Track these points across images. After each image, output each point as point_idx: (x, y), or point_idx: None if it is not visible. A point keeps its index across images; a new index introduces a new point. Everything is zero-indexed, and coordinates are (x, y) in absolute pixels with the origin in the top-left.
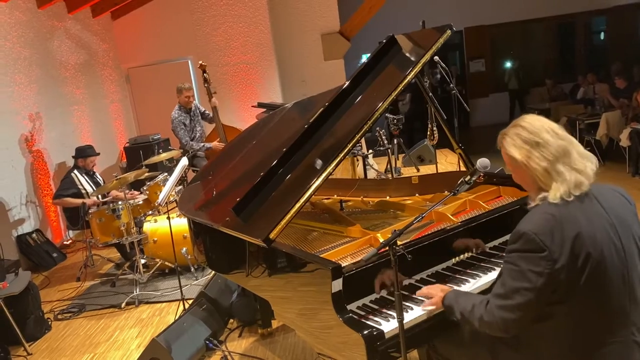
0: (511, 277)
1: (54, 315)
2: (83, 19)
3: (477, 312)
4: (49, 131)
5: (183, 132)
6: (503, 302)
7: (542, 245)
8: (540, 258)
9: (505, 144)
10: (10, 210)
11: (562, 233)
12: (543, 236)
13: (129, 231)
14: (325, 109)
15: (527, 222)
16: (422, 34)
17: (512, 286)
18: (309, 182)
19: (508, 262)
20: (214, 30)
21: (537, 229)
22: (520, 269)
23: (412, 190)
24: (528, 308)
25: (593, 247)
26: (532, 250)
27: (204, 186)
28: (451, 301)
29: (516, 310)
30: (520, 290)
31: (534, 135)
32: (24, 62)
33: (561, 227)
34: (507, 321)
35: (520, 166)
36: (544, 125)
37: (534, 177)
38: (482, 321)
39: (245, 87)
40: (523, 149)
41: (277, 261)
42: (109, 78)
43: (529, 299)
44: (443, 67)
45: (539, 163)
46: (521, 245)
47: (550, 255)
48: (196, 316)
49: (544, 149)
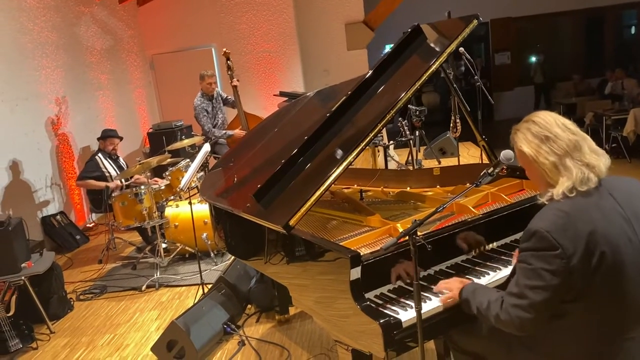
0: (525, 276)
1: (76, 295)
2: (109, 4)
3: (493, 310)
4: (75, 115)
5: (205, 119)
6: (518, 301)
7: (555, 243)
8: (553, 256)
9: (516, 139)
10: (36, 192)
11: (576, 230)
12: (556, 234)
13: (151, 215)
14: (347, 98)
15: (539, 220)
16: (447, 23)
17: (527, 285)
18: (329, 170)
19: (521, 261)
20: (238, 18)
21: (549, 227)
22: (534, 268)
23: (433, 182)
24: (543, 307)
25: (608, 244)
26: (545, 249)
27: (225, 173)
28: (468, 295)
29: (531, 309)
30: (534, 289)
31: (544, 130)
32: (51, 46)
33: (574, 223)
34: (523, 320)
35: (530, 161)
36: (556, 120)
37: (542, 173)
38: (498, 319)
39: (268, 75)
40: (533, 143)
41: (295, 248)
42: (133, 64)
43: (544, 297)
44: (468, 58)
45: (547, 157)
46: (534, 244)
47: (564, 253)
48: (215, 300)
49: (553, 143)
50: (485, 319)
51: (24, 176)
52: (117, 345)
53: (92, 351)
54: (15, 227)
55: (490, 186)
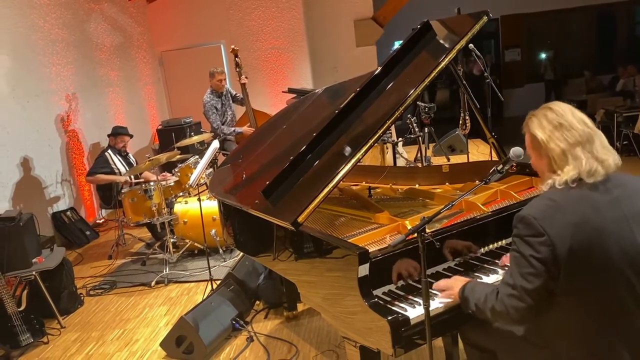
0: (516, 263)
1: (86, 290)
2: (119, 1)
3: (489, 302)
4: (85, 112)
5: (214, 116)
6: (511, 290)
7: (541, 229)
8: (539, 243)
9: (530, 124)
10: (47, 188)
11: (563, 219)
12: (542, 221)
13: (160, 211)
14: (356, 94)
15: (528, 207)
16: (457, 20)
17: (518, 272)
18: (337, 167)
19: (513, 250)
20: (247, 14)
21: (536, 213)
22: (523, 255)
23: (442, 179)
24: (536, 294)
25: (597, 238)
26: (531, 235)
27: (234, 169)
28: (467, 293)
29: (525, 297)
30: (525, 277)
31: (560, 117)
32: (62, 43)
33: (562, 213)
34: (518, 309)
35: (540, 146)
36: (572, 111)
37: (550, 159)
38: (494, 311)
39: (276, 72)
40: (546, 129)
41: (304, 245)
42: (143, 61)
43: (535, 285)
44: (478, 55)
45: (558, 144)
46: (521, 230)
47: (550, 240)
48: (223, 296)
49: (566, 132)
50: (483, 314)
51: (35, 172)
52: (127, 340)
53: (102, 346)
54: (26, 222)
55: (499, 183)
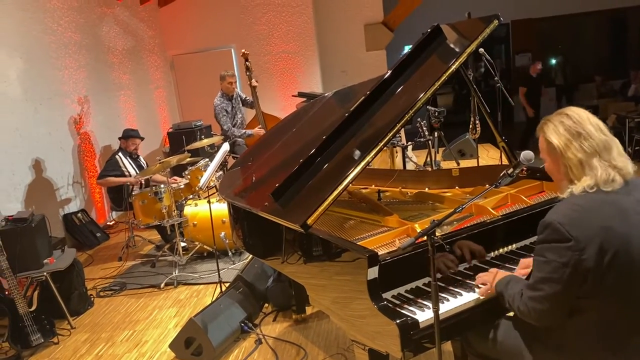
0: (539, 268)
1: (96, 292)
2: (131, 5)
3: (516, 302)
4: (96, 115)
5: (225, 119)
6: (533, 293)
7: (568, 235)
8: (566, 248)
9: (546, 129)
10: (58, 190)
11: (590, 224)
12: (569, 226)
13: (170, 214)
14: (365, 98)
15: (553, 213)
16: (467, 24)
17: (541, 277)
18: (347, 170)
19: (536, 254)
20: (258, 19)
21: (562, 219)
22: (547, 260)
23: (452, 183)
24: (556, 299)
25: (622, 242)
26: (557, 241)
27: (243, 172)
28: (502, 288)
29: (545, 302)
30: (548, 282)
31: (578, 125)
32: (74, 46)
33: (588, 218)
34: (539, 312)
35: (557, 153)
36: (589, 118)
37: (566, 167)
38: (519, 311)
39: (286, 76)
40: (563, 137)
41: (313, 248)
42: (154, 64)
43: (557, 290)
44: (488, 59)
45: (575, 154)
46: (547, 236)
47: (576, 246)
48: (232, 299)
49: (584, 141)
50: (514, 312)
51: (47, 174)
52: (136, 342)
53: (112, 347)
54: (38, 223)
55: (510, 187)
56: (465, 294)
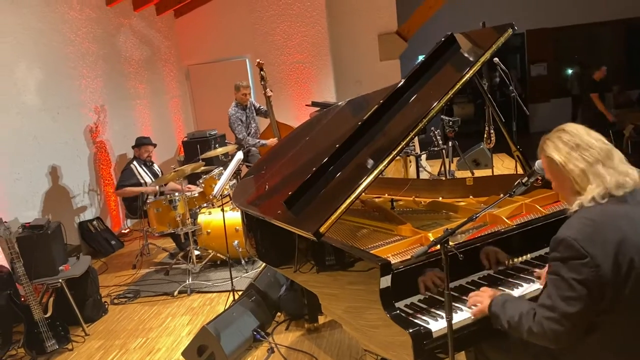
0: (556, 287)
1: (110, 299)
2: (147, 16)
3: (525, 323)
4: (112, 124)
5: (240, 128)
6: (551, 313)
7: (583, 251)
8: (582, 265)
9: (546, 148)
10: (74, 197)
11: (604, 237)
12: (583, 242)
13: (184, 222)
14: (379, 106)
15: (565, 229)
16: (481, 33)
17: (558, 296)
18: (360, 179)
19: (551, 272)
20: (272, 29)
21: (576, 235)
22: (563, 278)
23: (466, 192)
24: (577, 318)
25: (637, 252)
26: (572, 258)
27: (256, 180)
28: (497, 308)
29: (565, 322)
30: (566, 300)
31: (575, 138)
32: (92, 56)
33: (602, 231)
34: (557, 333)
35: (559, 169)
36: (587, 131)
37: (570, 180)
38: (530, 332)
39: (300, 85)
40: (563, 151)
41: (325, 257)
42: (170, 74)
43: (577, 309)
44: (503, 69)
45: (576, 164)
46: (561, 253)
47: (593, 262)
48: (245, 307)
49: (584, 151)
50: (517, 332)
51: (63, 182)
52: (149, 349)
53: (125, 354)
54: (54, 231)
55: (524, 197)
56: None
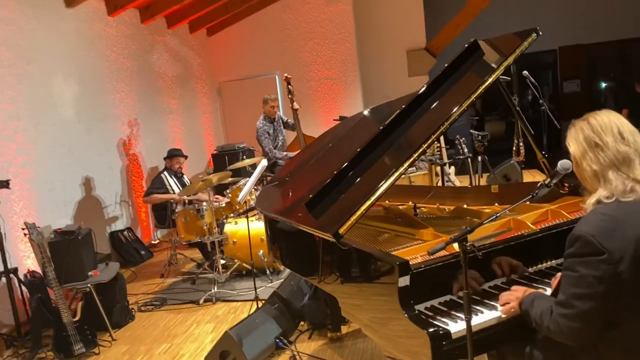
0: (571, 283)
1: (137, 306)
2: (181, 34)
3: (545, 321)
4: (145, 137)
5: (267, 141)
6: (565, 310)
7: (601, 247)
8: (599, 261)
9: (568, 134)
10: (106, 208)
11: (623, 234)
12: (601, 238)
13: (211, 231)
14: (400, 112)
15: (583, 224)
16: (505, 38)
17: (574, 293)
18: (380, 181)
19: (567, 268)
20: (301, 46)
21: (594, 231)
22: (580, 274)
23: (491, 200)
24: (592, 315)
25: None
26: (590, 254)
27: (279, 186)
28: (527, 306)
29: (580, 319)
30: (582, 298)
31: (596, 135)
32: (126, 72)
33: (621, 228)
34: (573, 330)
35: (576, 161)
36: (613, 127)
37: (582, 177)
38: (549, 330)
39: (328, 101)
40: (581, 146)
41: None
42: (202, 91)
43: (592, 306)
44: (532, 82)
45: (590, 164)
46: (578, 249)
47: (611, 258)
48: (268, 314)
49: (600, 152)
50: (542, 330)
51: (96, 192)
52: (173, 355)
53: (150, 359)
54: (84, 237)
55: (550, 203)
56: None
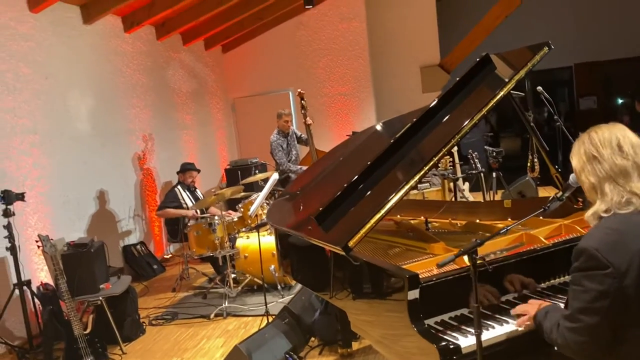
0: (577, 298)
1: (148, 320)
2: (196, 51)
3: (554, 335)
4: (159, 152)
5: (280, 154)
6: (571, 324)
7: (605, 261)
8: (604, 275)
9: (572, 148)
10: (120, 221)
11: (626, 247)
12: (605, 252)
13: (223, 245)
14: (411, 125)
15: (587, 238)
16: (517, 52)
17: (579, 307)
18: (390, 194)
19: (573, 283)
20: (315, 63)
21: (598, 245)
22: (585, 289)
23: (504, 215)
24: (597, 330)
25: None
26: (595, 268)
27: (290, 199)
28: (541, 319)
29: (586, 333)
30: (587, 312)
31: (594, 148)
32: (142, 87)
33: (625, 241)
34: (580, 344)
35: (577, 174)
36: (612, 140)
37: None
38: (557, 344)
39: (342, 117)
40: (581, 159)
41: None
42: (216, 106)
43: (598, 320)
44: (547, 97)
45: (588, 177)
46: (582, 263)
47: (616, 272)
48: (278, 329)
49: (597, 164)
50: (553, 343)
51: (109, 206)
52: None
53: None
54: (97, 249)
55: (564, 218)
56: (512, 322)
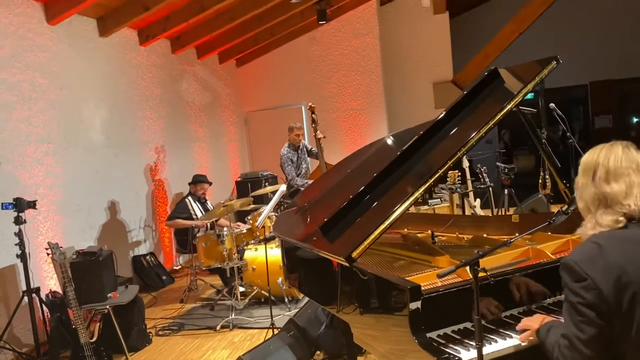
0: (567, 313)
1: (155, 330)
2: (210, 64)
3: (555, 353)
4: (171, 163)
5: (290, 168)
6: (567, 341)
7: (583, 273)
8: (584, 288)
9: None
10: (130, 232)
11: (606, 260)
12: (584, 265)
13: (231, 257)
14: (419, 137)
15: (571, 253)
16: (525, 66)
17: (571, 322)
18: (395, 206)
19: (564, 301)
20: (328, 78)
21: (577, 258)
22: (572, 303)
23: (512, 230)
24: (593, 343)
25: None
26: (575, 280)
27: (297, 211)
28: (543, 335)
29: (581, 348)
30: (578, 325)
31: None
32: (155, 99)
33: (605, 255)
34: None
35: None
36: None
37: None
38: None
39: (354, 132)
40: (582, 179)
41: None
42: (229, 120)
43: (591, 333)
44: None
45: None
46: (565, 277)
47: (593, 283)
48: (283, 341)
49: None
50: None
51: (120, 216)
52: None
53: None
54: (105, 258)
55: (572, 234)
56: (515, 336)
